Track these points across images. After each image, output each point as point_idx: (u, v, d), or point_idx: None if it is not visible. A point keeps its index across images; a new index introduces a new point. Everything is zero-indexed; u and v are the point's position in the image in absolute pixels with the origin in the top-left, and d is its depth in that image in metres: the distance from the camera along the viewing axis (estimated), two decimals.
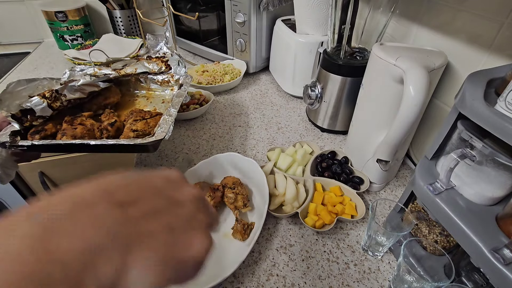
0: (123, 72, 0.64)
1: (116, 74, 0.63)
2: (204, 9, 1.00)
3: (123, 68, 0.65)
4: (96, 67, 0.64)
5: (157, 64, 0.68)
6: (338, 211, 0.53)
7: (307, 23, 0.79)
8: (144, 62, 0.67)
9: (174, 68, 0.69)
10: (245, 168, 0.60)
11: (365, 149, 0.59)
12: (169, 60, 0.69)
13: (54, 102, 0.54)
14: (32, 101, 0.51)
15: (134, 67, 0.66)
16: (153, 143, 0.48)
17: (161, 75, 0.69)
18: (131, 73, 0.65)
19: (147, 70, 0.67)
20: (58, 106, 0.55)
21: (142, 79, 0.70)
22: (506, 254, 0.30)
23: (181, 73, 0.69)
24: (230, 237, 0.51)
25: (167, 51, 0.72)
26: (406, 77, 0.43)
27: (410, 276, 0.39)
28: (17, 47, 1.22)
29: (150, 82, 0.70)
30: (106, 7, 1.17)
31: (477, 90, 0.34)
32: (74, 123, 0.54)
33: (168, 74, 0.68)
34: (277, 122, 0.81)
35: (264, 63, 1.03)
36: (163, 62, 0.68)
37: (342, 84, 0.67)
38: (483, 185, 0.37)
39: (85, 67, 0.65)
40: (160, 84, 0.70)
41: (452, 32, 0.53)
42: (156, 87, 0.70)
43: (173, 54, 0.70)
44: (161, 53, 0.72)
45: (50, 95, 0.54)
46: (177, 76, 0.68)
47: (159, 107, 0.66)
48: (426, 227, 0.44)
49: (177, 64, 0.69)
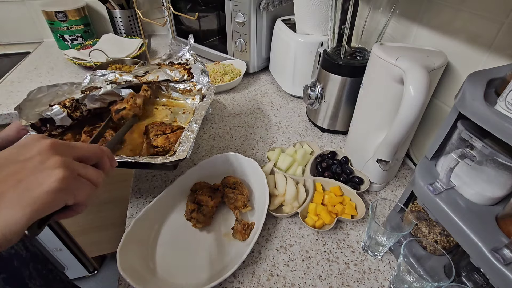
0: (145, 80, 0.62)
1: (138, 82, 0.61)
2: (204, 9, 1.00)
3: (144, 75, 0.63)
4: (118, 72, 0.62)
5: (179, 71, 0.65)
6: (338, 211, 0.53)
7: (307, 23, 0.79)
8: (166, 69, 0.65)
9: (196, 76, 0.66)
10: (245, 168, 0.60)
11: (365, 149, 0.59)
12: (191, 67, 0.67)
13: (74, 111, 0.53)
14: (52, 110, 0.50)
15: (156, 74, 0.64)
16: (174, 163, 0.46)
17: (183, 84, 0.66)
18: (152, 80, 0.63)
19: (169, 78, 0.64)
20: (78, 116, 0.54)
21: (163, 87, 0.67)
22: (506, 254, 0.30)
23: (203, 82, 0.66)
24: (230, 237, 0.51)
25: (190, 58, 0.69)
26: (406, 77, 0.43)
27: (410, 276, 0.39)
28: (17, 47, 1.22)
29: (172, 90, 0.68)
30: (106, 7, 1.17)
31: (477, 90, 0.34)
32: (93, 134, 0.53)
33: (191, 83, 0.66)
34: (277, 122, 0.81)
35: (264, 63, 1.03)
36: (186, 69, 0.66)
37: (342, 84, 0.67)
38: (483, 185, 0.37)
39: (106, 72, 0.63)
40: (182, 92, 0.67)
41: (452, 32, 0.53)
42: (177, 96, 0.68)
43: (195, 62, 0.68)
44: (184, 59, 0.69)
45: (70, 105, 0.53)
46: (200, 85, 0.66)
47: (179, 118, 0.64)
48: (426, 227, 0.44)
49: (200, 73, 0.66)
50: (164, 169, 0.49)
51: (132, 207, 0.56)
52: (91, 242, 1.24)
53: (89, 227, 1.16)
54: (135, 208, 0.56)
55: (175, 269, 0.46)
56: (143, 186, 0.60)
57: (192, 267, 0.47)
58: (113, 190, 1.06)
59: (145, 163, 0.47)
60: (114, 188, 1.05)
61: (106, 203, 1.10)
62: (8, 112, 0.82)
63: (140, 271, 0.44)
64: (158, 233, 0.51)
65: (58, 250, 1.16)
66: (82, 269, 1.32)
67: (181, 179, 0.56)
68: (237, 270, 0.46)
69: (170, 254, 0.48)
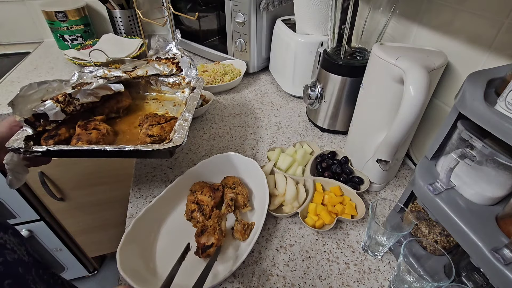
0: (134, 74, 0.63)
1: (127, 76, 0.62)
2: (204, 9, 1.00)
3: (133, 70, 0.64)
4: (106, 69, 0.63)
5: (167, 66, 0.67)
6: (338, 211, 0.53)
7: (307, 23, 0.79)
8: (154, 64, 0.66)
9: (185, 70, 0.68)
10: (245, 168, 0.60)
11: (365, 149, 0.59)
12: (179, 62, 0.68)
13: (67, 106, 0.54)
14: (45, 105, 0.50)
15: (145, 69, 0.65)
16: (171, 149, 0.48)
17: (172, 77, 0.68)
18: (142, 75, 0.64)
19: (158, 72, 0.65)
20: (71, 111, 0.54)
21: (152, 81, 0.69)
22: (506, 254, 0.30)
23: (192, 75, 0.67)
24: (230, 237, 0.51)
25: (177, 52, 0.70)
26: (406, 77, 0.43)
27: (410, 276, 0.39)
28: (17, 47, 1.22)
29: (161, 85, 0.69)
30: (106, 7, 1.17)
31: (477, 90, 0.34)
32: (88, 127, 0.53)
33: (179, 76, 0.68)
34: (277, 122, 0.81)
35: (264, 63, 1.03)
36: (174, 64, 0.67)
37: (342, 84, 0.67)
38: (483, 185, 0.37)
39: (94, 69, 0.63)
40: (171, 86, 0.69)
41: (452, 32, 0.53)
42: (167, 90, 0.70)
43: (183, 56, 0.69)
44: (171, 54, 0.70)
45: (63, 99, 0.53)
46: (188, 78, 0.67)
47: (170, 110, 0.66)
48: (426, 227, 0.44)
49: (188, 66, 0.68)
50: (161, 156, 0.51)
51: (132, 207, 0.56)
52: (91, 242, 1.24)
53: (89, 227, 1.16)
54: (135, 208, 0.56)
55: None
56: (143, 186, 0.60)
57: (192, 267, 0.47)
58: (113, 190, 1.06)
59: (143, 151, 0.48)
60: (114, 188, 1.05)
61: (106, 203, 1.10)
62: (8, 112, 0.82)
63: (140, 271, 0.44)
64: (158, 233, 0.51)
65: (58, 250, 1.16)
66: (82, 269, 1.32)
67: (181, 179, 0.56)
68: (237, 270, 0.46)
69: (170, 254, 0.48)
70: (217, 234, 0.47)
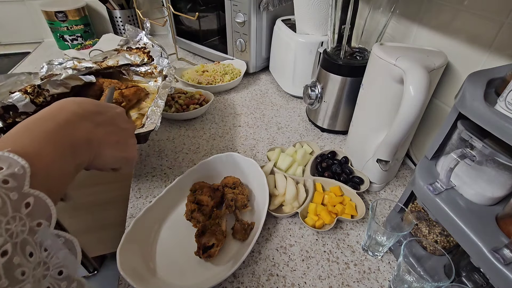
0: (105, 65, 0.63)
1: (98, 67, 0.62)
2: (204, 9, 1.00)
3: (104, 60, 0.64)
4: (76, 60, 0.62)
5: (138, 55, 0.67)
6: (338, 211, 0.53)
7: (307, 23, 0.79)
8: (125, 53, 0.66)
9: (156, 59, 0.68)
10: (245, 168, 0.59)
11: (365, 149, 0.59)
12: (150, 51, 0.68)
13: (37, 97, 0.53)
14: (13, 97, 0.50)
15: (115, 59, 0.65)
16: (144, 134, 0.49)
17: (143, 67, 0.68)
18: (113, 65, 0.64)
19: (129, 62, 0.66)
20: (42, 102, 0.54)
21: (124, 71, 0.69)
22: (506, 254, 0.30)
23: (163, 64, 0.68)
24: (230, 237, 0.51)
25: (148, 42, 0.71)
26: (406, 77, 0.43)
27: (410, 276, 0.39)
28: (17, 47, 1.22)
29: (133, 74, 0.69)
30: (106, 7, 1.17)
31: (477, 90, 0.34)
32: None
33: (151, 65, 0.68)
34: (277, 122, 0.81)
35: (264, 63, 1.03)
36: (145, 53, 0.68)
37: (342, 84, 0.67)
38: (483, 185, 0.37)
39: (64, 61, 0.64)
40: (143, 75, 0.69)
41: (452, 32, 0.53)
42: (139, 79, 0.70)
43: (154, 45, 0.69)
44: (142, 44, 0.71)
45: (32, 91, 0.53)
46: (160, 67, 0.68)
47: (144, 99, 0.66)
48: (426, 227, 0.44)
49: (159, 56, 0.68)
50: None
51: (132, 207, 0.56)
52: (91, 242, 1.24)
53: (89, 227, 1.16)
54: (135, 208, 0.56)
55: (175, 269, 0.46)
56: (143, 186, 0.60)
57: (192, 267, 0.47)
58: (113, 190, 1.06)
59: None
60: (114, 188, 1.05)
61: (106, 203, 1.10)
62: None
63: (140, 271, 0.44)
64: (158, 233, 0.51)
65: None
66: (82, 269, 1.32)
67: (181, 179, 0.56)
68: (237, 270, 0.46)
69: (170, 254, 0.48)
70: (217, 234, 0.47)
